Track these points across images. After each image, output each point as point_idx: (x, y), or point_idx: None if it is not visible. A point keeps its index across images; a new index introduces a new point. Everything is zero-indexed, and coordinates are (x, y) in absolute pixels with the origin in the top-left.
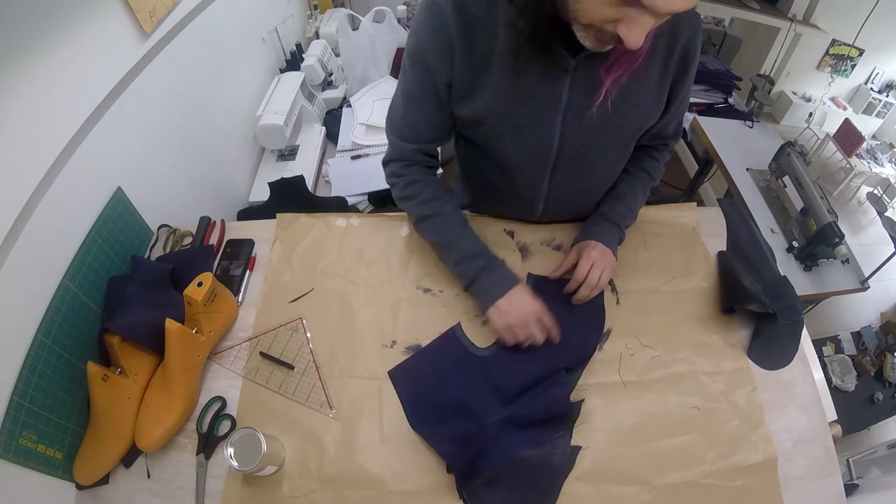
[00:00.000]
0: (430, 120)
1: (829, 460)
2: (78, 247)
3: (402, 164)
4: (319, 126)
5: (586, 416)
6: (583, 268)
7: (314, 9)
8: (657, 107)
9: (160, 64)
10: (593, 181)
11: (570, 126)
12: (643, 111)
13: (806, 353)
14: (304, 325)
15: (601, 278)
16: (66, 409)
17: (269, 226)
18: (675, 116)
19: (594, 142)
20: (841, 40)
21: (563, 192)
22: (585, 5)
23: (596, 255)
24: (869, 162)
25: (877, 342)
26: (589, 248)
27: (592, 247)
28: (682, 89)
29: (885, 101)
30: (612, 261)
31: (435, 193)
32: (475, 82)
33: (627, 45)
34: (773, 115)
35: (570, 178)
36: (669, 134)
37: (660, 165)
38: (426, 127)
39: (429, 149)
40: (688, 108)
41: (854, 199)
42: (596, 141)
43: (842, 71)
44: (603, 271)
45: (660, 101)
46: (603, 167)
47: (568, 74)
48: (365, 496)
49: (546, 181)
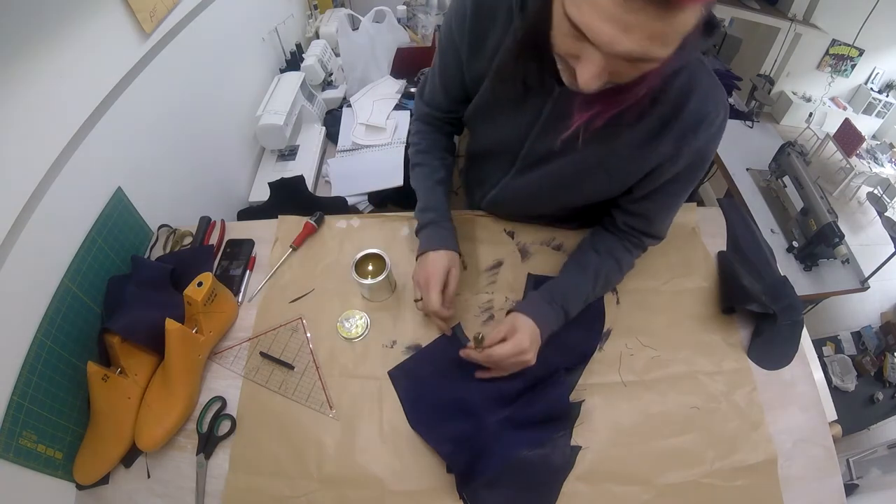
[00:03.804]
0: (445, 90)
1: (829, 460)
2: (78, 247)
3: (418, 120)
4: (319, 126)
5: (586, 416)
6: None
7: (314, 9)
8: (629, 173)
9: (160, 64)
10: (546, 202)
11: (540, 141)
12: (612, 170)
13: (806, 353)
14: (304, 325)
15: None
16: (66, 409)
17: (269, 226)
18: (660, 210)
19: (558, 171)
20: (841, 40)
21: (517, 192)
22: (555, 35)
23: (526, 344)
24: (869, 162)
25: (877, 342)
26: (522, 334)
27: (525, 330)
28: (666, 176)
29: (885, 101)
30: (536, 344)
31: (430, 147)
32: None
33: (579, 82)
34: (773, 115)
35: (528, 183)
36: (651, 231)
37: (632, 260)
38: (442, 97)
39: (443, 116)
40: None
41: (854, 199)
42: (561, 171)
43: (842, 71)
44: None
45: (633, 168)
46: (559, 202)
47: (551, 98)
48: (365, 496)
49: (508, 175)
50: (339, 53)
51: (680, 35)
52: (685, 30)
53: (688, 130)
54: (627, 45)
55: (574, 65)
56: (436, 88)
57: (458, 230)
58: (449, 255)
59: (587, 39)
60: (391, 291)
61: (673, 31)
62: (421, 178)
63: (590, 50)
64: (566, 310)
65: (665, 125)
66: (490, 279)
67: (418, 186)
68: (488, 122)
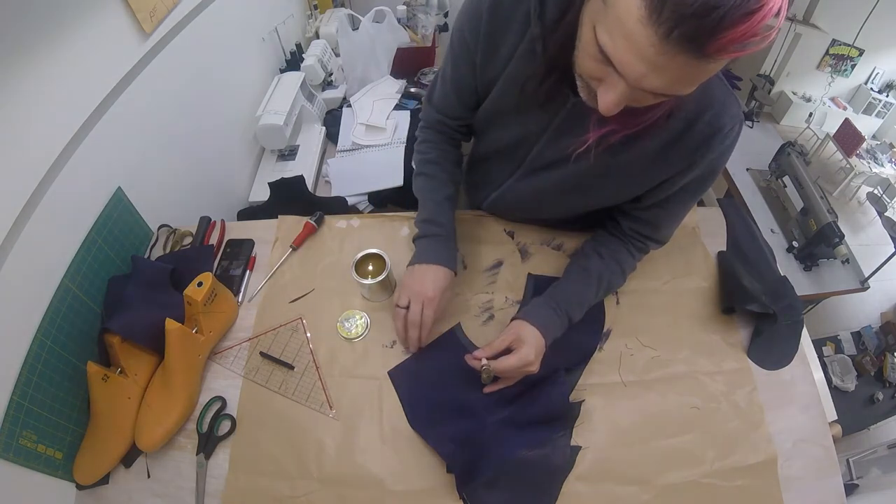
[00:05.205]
0: (458, 97)
1: (829, 460)
2: (78, 247)
3: (426, 126)
4: (319, 126)
5: (586, 416)
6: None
7: (314, 9)
8: (640, 183)
9: (160, 64)
10: (549, 206)
11: (549, 147)
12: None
13: (806, 353)
14: (304, 325)
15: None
16: (66, 409)
17: (269, 226)
18: (667, 217)
19: (565, 178)
20: (841, 40)
21: (520, 195)
22: (579, 56)
23: (531, 357)
24: (869, 162)
25: (877, 342)
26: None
27: (531, 343)
28: (677, 186)
29: (885, 101)
30: (541, 354)
31: (439, 158)
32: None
33: (600, 107)
34: (773, 115)
35: (532, 187)
36: (657, 237)
37: (634, 263)
38: (455, 104)
39: (451, 123)
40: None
41: (854, 199)
42: (568, 178)
43: (842, 71)
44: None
45: (644, 179)
46: (562, 207)
47: (564, 108)
48: (365, 496)
49: (512, 178)
50: (339, 53)
51: (706, 77)
52: (711, 74)
53: (702, 143)
54: (655, 84)
55: (595, 87)
56: (447, 95)
57: (458, 230)
58: (451, 275)
59: (613, 66)
60: (391, 291)
61: (701, 76)
62: (427, 189)
63: (615, 77)
64: (570, 316)
65: (679, 138)
66: (490, 279)
67: (423, 197)
68: (497, 125)
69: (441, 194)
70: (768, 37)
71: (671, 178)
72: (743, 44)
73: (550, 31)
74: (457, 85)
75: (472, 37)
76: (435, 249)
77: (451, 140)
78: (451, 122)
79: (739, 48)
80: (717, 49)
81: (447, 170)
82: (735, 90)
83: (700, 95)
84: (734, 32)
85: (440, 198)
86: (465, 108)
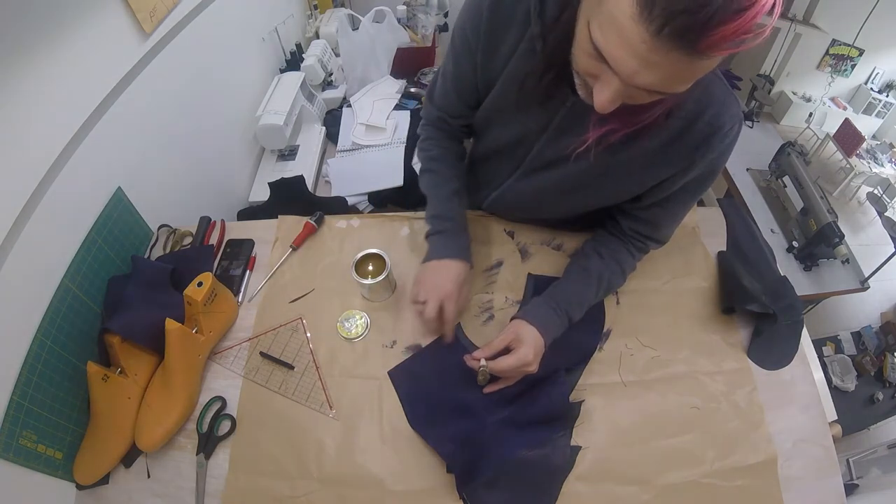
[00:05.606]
0: (459, 96)
1: (829, 460)
2: (78, 247)
3: (427, 123)
4: (319, 126)
5: (586, 416)
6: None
7: (314, 9)
8: (639, 182)
9: (160, 64)
10: (549, 206)
11: (549, 147)
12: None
13: (806, 353)
14: (304, 325)
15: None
16: (66, 409)
17: (269, 226)
18: (667, 216)
19: (564, 177)
20: (841, 40)
21: (520, 195)
22: (576, 52)
23: (530, 357)
24: (869, 162)
25: (877, 342)
26: (527, 347)
27: (530, 342)
28: (677, 185)
29: (885, 101)
30: (540, 354)
31: (443, 155)
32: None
33: (595, 104)
34: (773, 115)
35: (532, 186)
36: (657, 236)
37: (634, 263)
38: (456, 102)
39: (452, 121)
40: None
41: (854, 199)
42: (568, 177)
43: (842, 71)
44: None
45: (644, 178)
46: (562, 207)
47: (564, 106)
48: (365, 496)
49: (512, 178)
50: (339, 53)
51: (700, 75)
52: (705, 71)
53: (702, 142)
54: (648, 80)
55: (592, 84)
56: (448, 93)
57: None
58: (466, 267)
59: (608, 63)
60: (391, 291)
61: (694, 73)
62: (433, 185)
63: (609, 74)
64: (570, 316)
65: (678, 137)
66: (490, 279)
67: (430, 193)
68: (497, 125)
69: (448, 189)
70: (761, 34)
71: (671, 177)
72: (735, 41)
73: (550, 29)
74: (458, 83)
75: (473, 35)
76: (446, 244)
77: (453, 136)
78: (451, 121)
79: (732, 45)
80: (709, 46)
81: (452, 165)
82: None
83: (700, 95)
84: (726, 29)
85: (447, 192)
86: (466, 107)
